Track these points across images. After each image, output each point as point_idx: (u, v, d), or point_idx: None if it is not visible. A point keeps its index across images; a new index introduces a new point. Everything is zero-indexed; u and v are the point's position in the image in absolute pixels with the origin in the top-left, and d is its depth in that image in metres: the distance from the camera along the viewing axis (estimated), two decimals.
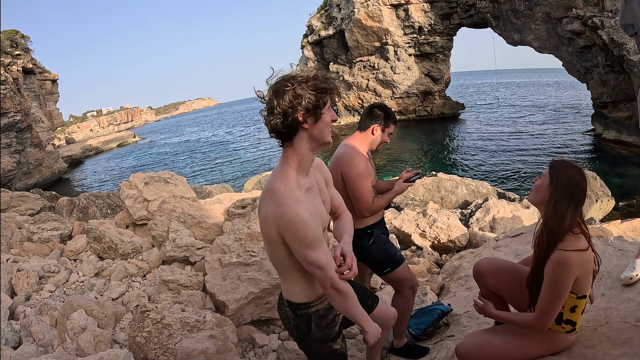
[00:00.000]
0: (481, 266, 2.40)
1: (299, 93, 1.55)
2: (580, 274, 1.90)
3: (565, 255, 1.86)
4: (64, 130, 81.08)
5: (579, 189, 1.90)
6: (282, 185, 1.63)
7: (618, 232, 4.73)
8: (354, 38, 37.68)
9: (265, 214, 1.65)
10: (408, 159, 25.49)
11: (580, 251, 1.87)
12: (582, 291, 1.98)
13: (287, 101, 1.55)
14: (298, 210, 1.57)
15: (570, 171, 1.92)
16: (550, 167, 1.97)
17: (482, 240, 5.37)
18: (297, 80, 1.56)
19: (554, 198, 1.91)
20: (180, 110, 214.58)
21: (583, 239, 1.91)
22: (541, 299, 1.97)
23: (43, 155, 33.29)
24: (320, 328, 1.87)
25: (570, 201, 1.90)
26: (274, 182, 1.66)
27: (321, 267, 1.64)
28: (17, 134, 29.84)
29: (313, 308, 1.85)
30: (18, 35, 38.19)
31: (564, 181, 1.90)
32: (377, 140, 2.74)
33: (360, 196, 2.60)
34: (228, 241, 3.99)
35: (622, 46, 18.86)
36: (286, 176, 1.66)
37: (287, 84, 1.56)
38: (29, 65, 36.36)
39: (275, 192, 1.63)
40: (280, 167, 1.70)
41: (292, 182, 1.65)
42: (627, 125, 21.28)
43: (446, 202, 9.84)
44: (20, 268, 5.20)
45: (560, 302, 1.94)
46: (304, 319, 1.86)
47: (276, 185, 1.64)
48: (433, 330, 3.12)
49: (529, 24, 26.73)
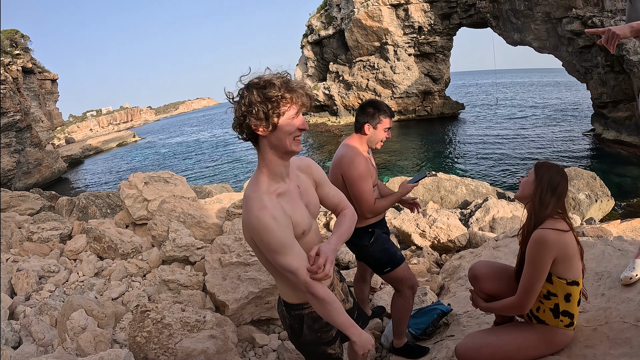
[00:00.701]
0: (477, 270, 2.40)
1: (252, 100, 1.54)
2: (559, 255, 1.95)
3: (541, 233, 1.96)
4: (63, 130, 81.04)
5: (560, 182, 2.06)
6: (252, 192, 1.64)
7: (618, 232, 4.73)
8: (353, 38, 37.69)
9: (242, 220, 1.68)
10: (408, 159, 25.48)
11: (559, 231, 1.95)
12: (570, 276, 2.00)
13: (243, 107, 1.56)
14: (260, 216, 1.57)
15: (552, 168, 2.10)
16: (535, 167, 2.15)
17: (482, 240, 5.37)
18: (254, 86, 1.56)
19: (539, 189, 2.06)
20: (180, 110, 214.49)
21: (563, 222, 2.01)
22: (522, 280, 2.04)
23: (43, 155, 33.28)
24: (312, 330, 1.86)
25: (553, 192, 2.04)
26: (247, 189, 1.70)
27: (292, 272, 1.61)
28: (16, 134, 29.84)
29: (306, 310, 1.84)
30: (18, 34, 38.20)
31: (547, 175, 2.07)
32: (374, 139, 2.69)
33: (362, 197, 2.59)
34: (228, 241, 3.99)
35: (621, 46, 18.86)
36: (257, 182, 1.67)
37: (245, 89, 1.57)
38: (29, 65, 36.36)
39: (245, 199, 1.66)
40: (254, 173, 1.72)
41: (261, 187, 1.64)
42: (626, 125, 21.29)
43: (446, 202, 9.84)
44: (20, 268, 5.20)
45: (539, 282, 1.99)
46: (297, 319, 1.86)
47: (247, 192, 1.67)
48: (433, 330, 3.13)
49: (529, 23, 26.74)
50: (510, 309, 2.14)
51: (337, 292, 2.02)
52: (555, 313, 2.07)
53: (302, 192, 1.81)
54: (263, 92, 1.54)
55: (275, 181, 1.68)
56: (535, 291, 2.01)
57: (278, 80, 1.58)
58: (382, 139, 2.72)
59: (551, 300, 2.06)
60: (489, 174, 20.23)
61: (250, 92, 1.55)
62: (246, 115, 1.55)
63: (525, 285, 2.02)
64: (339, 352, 2.01)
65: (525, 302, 2.04)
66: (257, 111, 1.53)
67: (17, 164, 30.02)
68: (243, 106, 1.55)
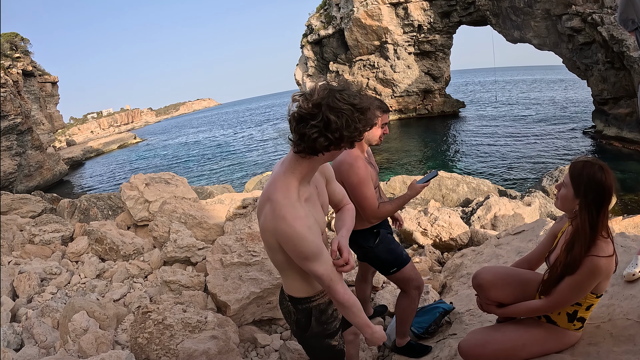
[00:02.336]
0: (481, 278, 2.28)
1: (356, 127, 1.47)
2: (604, 277, 1.91)
3: (598, 263, 1.85)
4: (64, 132, 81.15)
5: (605, 191, 1.85)
6: (282, 197, 1.58)
7: (620, 228, 4.72)
8: (353, 37, 37.65)
9: (264, 224, 1.62)
10: (409, 157, 25.45)
11: (610, 257, 1.87)
12: (600, 291, 1.99)
13: (342, 126, 1.44)
14: (296, 226, 1.54)
15: (594, 175, 1.85)
16: (572, 175, 1.92)
17: (484, 238, 5.36)
18: (357, 107, 1.46)
19: (586, 211, 1.87)
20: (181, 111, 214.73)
21: (611, 244, 1.90)
22: (561, 289, 1.95)
23: (44, 158, 33.31)
24: (320, 323, 1.88)
25: (600, 208, 1.87)
26: (274, 192, 1.60)
27: (319, 277, 1.63)
28: (17, 137, 29.88)
29: (314, 302, 1.85)
30: (17, 37, 38.24)
31: (591, 191, 1.85)
32: (370, 137, 2.62)
33: (364, 202, 2.52)
34: (229, 241, 3.98)
35: (622, 42, 18.82)
36: (287, 187, 1.60)
37: (347, 107, 1.44)
38: (29, 68, 36.39)
39: (274, 204, 1.58)
40: (283, 175, 1.63)
41: (292, 194, 1.59)
42: (627, 122, 21.23)
43: (447, 200, 9.82)
44: (22, 270, 5.20)
45: (577, 298, 1.96)
46: (305, 313, 1.87)
47: (276, 197, 1.59)
48: (435, 329, 3.11)
49: (529, 21, 26.69)
50: (535, 312, 2.08)
51: None
52: (570, 318, 2.06)
53: (319, 193, 1.81)
54: (366, 118, 1.48)
55: (303, 185, 1.66)
56: (570, 303, 1.98)
57: (373, 104, 1.51)
58: (380, 136, 2.66)
59: (573, 307, 2.04)
60: (490, 171, 20.20)
61: (353, 113, 1.45)
62: (343, 137, 1.47)
63: (563, 298, 1.96)
64: (341, 342, 2.03)
65: (555, 308, 2.00)
66: (357, 136, 1.49)
67: (18, 167, 30.06)
68: (342, 125, 1.44)
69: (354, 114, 1.45)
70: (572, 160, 1.98)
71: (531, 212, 6.85)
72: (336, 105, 1.43)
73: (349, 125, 1.45)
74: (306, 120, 1.45)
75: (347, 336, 2.41)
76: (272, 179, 1.67)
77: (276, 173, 1.66)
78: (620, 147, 20.71)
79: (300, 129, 1.48)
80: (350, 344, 2.47)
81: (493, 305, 2.24)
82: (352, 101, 1.46)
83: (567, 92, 50.40)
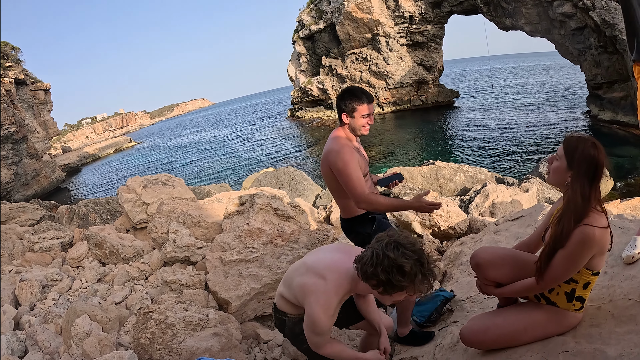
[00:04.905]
0: (479, 257, 2.29)
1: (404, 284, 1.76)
2: (597, 250, 1.91)
3: (588, 232, 1.85)
4: (59, 139, 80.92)
5: (598, 166, 1.88)
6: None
7: (618, 211, 4.73)
8: (344, 31, 37.56)
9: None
10: (405, 149, 25.46)
11: (602, 229, 1.87)
12: (597, 268, 1.98)
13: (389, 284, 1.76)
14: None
15: (587, 150, 1.88)
16: (566, 147, 1.95)
17: (483, 226, 5.37)
18: (417, 272, 1.74)
19: (578, 182, 1.90)
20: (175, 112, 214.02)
21: (604, 216, 1.91)
22: (553, 266, 1.95)
23: (40, 166, 33.20)
24: (294, 334, 2.17)
25: (592, 181, 1.89)
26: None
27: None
28: (13, 146, 29.75)
29: (287, 317, 2.18)
30: (8, 46, 38.01)
31: (584, 163, 1.88)
32: (354, 127, 2.66)
33: (351, 184, 2.56)
34: (228, 239, 3.98)
35: (614, 27, 18.81)
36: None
37: (400, 279, 1.75)
38: (21, 76, 36.18)
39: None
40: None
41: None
42: (622, 106, 21.25)
43: (445, 189, 9.83)
44: (23, 278, 5.19)
45: (570, 275, 1.96)
46: (280, 322, 2.22)
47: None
48: (437, 317, 3.12)
49: (520, 8, 26.63)
50: (530, 290, 2.08)
51: None
52: (569, 297, 2.05)
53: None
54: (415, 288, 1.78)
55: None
56: (564, 278, 1.98)
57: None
58: (364, 125, 2.67)
59: (570, 285, 2.03)
60: (486, 159, 20.22)
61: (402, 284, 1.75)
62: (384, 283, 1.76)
63: (556, 273, 1.95)
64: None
65: (549, 286, 2.01)
66: (392, 288, 1.78)
67: (15, 176, 29.95)
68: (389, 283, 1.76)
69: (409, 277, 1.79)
70: (565, 135, 2.01)
71: (529, 198, 6.86)
72: (388, 274, 1.77)
73: (404, 280, 1.78)
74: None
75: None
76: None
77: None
78: (615, 131, 20.74)
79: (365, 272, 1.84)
80: (373, 335, 2.58)
81: (491, 286, 2.25)
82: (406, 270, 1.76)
83: (561, 77, 50.40)
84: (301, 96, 45.83)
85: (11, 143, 29.50)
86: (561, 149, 1.97)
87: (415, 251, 1.73)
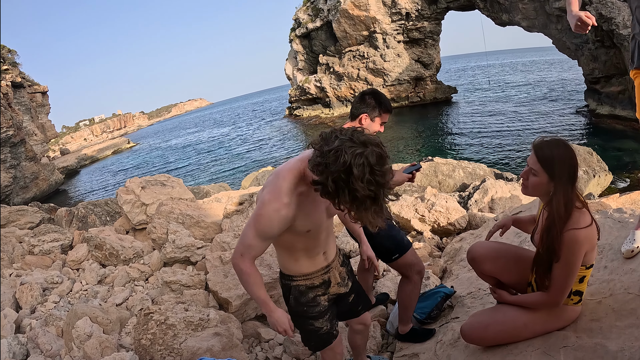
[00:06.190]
0: (475, 251, 2.35)
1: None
2: (588, 248, 1.93)
3: (577, 235, 1.87)
4: (57, 141, 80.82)
5: (574, 165, 1.90)
6: (282, 181, 1.76)
7: (617, 205, 4.72)
8: (341, 28, 37.53)
9: (264, 186, 1.89)
10: (404, 146, 25.46)
11: (588, 227, 1.89)
12: (590, 262, 2.00)
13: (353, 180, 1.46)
14: (269, 205, 1.74)
15: (562, 155, 1.88)
16: (542, 160, 1.91)
17: (482, 221, 5.37)
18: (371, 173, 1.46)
19: (562, 192, 1.89)
20: (173, 112, 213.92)
21: (587, 213, 1.92)
22: (556, 278, 1.96)
23: (39, 168, 33.18)
24: (299, 303, 2.03)
25: (572, 184, 1.91)
26: (281, 170, 1.80)
27: (241, 242, 1.81)
28: (11, 149, 29.74)
29: (294, 282, 2.02)
30: (4, 49, 37.94)
31: (565, 171, 1.88)
32: (369, 129, 2.60)
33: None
34: (227, 238, 3.98)
35: (611, 21, 18.82)
36: (291, 176, 1.77)
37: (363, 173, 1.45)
38: (18, 79, 36.15)
39: (275, 176, 1.81)
40: (295, 163, 1.80)
41: (290, 183, 1.75)
42: (620, 100, 21.28)
43: (444, 186, 9.83)
44: (24, 281, 5.19)
45: (573, 278, 1.96)
46: (286, 289, 2.06)
47: (279, 171, 1.83)
48: (438, 314, 3.12)
49: (517, 3, 26.62)
50: (543, 305, 2.08)
51: (335, 275, 2.12)
52: None
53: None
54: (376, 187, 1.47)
55: (305, 183, 1.74)
56: (569, 287, 1.98)
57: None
58: (377, 130, 2.67)
59: None
60: (485, 155, 20.24)
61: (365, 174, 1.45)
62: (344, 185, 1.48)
63: (560, 283, 1.96)
64: (328, 327, 2.12)
65: (561, 299, 2.01)
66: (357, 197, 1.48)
67: (13, 179, 29.92)
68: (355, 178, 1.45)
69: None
70: (531, 145, 1.97)
71: None
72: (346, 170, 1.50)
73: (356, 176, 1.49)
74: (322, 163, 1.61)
75: (356, 326, 2.46)
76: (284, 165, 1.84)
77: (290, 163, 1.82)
78: (614, 125, 20.76)
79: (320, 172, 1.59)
80: (358, 334, 2.51)
81: (505, 292, 2.25)
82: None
83: (558, 72, 50.39)
84: (299, 94, 45.81)
85: (9, 146, 29.49)
86: (535, 162, 1.93)
87: (378, 182, 1.46)
